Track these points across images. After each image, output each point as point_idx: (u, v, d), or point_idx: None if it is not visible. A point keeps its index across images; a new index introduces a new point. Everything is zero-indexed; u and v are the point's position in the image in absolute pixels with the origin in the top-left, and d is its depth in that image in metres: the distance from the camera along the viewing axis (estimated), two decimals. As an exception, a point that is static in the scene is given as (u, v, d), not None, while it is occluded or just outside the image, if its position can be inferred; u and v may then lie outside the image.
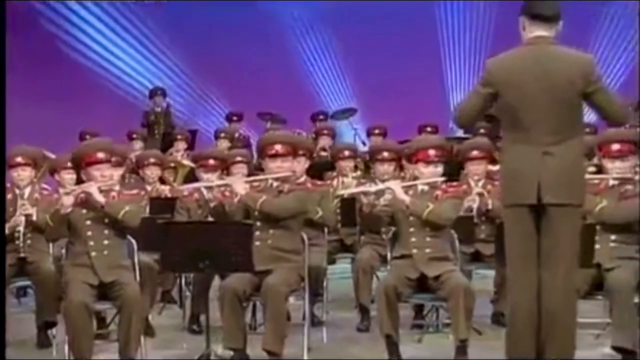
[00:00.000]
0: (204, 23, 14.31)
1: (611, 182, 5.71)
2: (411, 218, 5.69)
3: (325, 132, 10.06)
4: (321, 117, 11.41)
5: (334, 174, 8.00)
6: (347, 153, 7.85)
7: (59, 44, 14.55)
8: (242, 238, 5.09)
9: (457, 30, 14.97)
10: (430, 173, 5.76)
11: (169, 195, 7.46)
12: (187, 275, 6.89)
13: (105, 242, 5.53)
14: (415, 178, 5.98)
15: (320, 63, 14.85)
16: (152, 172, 7.89)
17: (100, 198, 5.49)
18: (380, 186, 5.92)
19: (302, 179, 7.12)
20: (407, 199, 5.67)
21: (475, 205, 6.62)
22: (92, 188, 5.50)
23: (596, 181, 5.82)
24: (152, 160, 7.97)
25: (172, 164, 9.48)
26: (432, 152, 5.78)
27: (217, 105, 14.72)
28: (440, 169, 5.78)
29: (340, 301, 7.40)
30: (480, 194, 6.66)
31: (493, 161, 7.47)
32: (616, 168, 5.65)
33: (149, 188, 7.52)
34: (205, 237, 5.07)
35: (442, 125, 11.49)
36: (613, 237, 5.56)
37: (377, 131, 10.45)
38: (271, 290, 5.34)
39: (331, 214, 6.82)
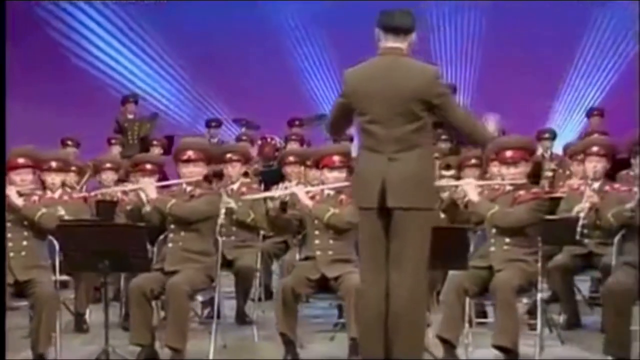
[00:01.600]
0: (202, 26, 14.59)
1: (507, 188, 5.91)
2: (315, 222, 5.95)
3: (294, 137, 10.33)
4: (296, 122, 11.67)
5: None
6: (291, 159, 8.10)
7: (60, 48, 14.95)
8: (137, 239, 5.38)
9: (449, 34, 15.12)
10: (335, 178, 6.02)
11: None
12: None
13: (24, 243, 5.88)
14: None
15: (316, 67, 15.08)
16: (108, 177, 8.26)
17: (17, 201, 5.84)
18: (285, 191, 6.19)
19: (237, 184, 7.45)
20: (310, 203, 5.94)
21: None
22: (11, 191, 5.85)
23: (496, 187, 6.05)
24: (108, 165, 8.33)
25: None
26: (336, 158, 6.03)
27: (215, 110, 14.99)
28: (344, 174, 6.02)
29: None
30: None
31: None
32: (510, 174, 5.86)
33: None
34: (104, 238, 5.37)
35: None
36: (507, 240, 5.76)
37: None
38: (173, 289, 5.63)
39: (263, 217, 7.07)
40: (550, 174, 9.79)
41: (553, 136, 10.76)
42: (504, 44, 14.38)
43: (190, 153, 6.07)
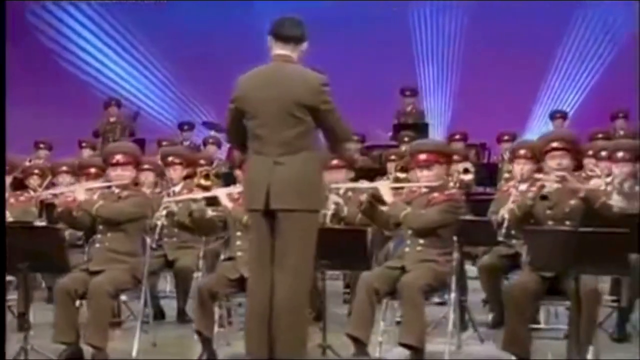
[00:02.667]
0: (188, 27, 14.81)
1: (423, 190, 6.07)
2: (237, 223, 6.14)
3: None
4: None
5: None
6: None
7: (46, 51, 15.20)
8: (54, 241, 5.58)
9: (431, 36, 15.25)
10: None
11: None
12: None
13: None
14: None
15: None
16: (65, 179, 8.47)
17: None
18: (207, 194, 6.38)
19: (180, 186, 7.64)
20: (229, 204, 6.12)
21: None
22: None
23: (414, 189, 6.20)
24: (64, 168, 8.54)
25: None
26: None
27: (201, 112, 15.19)
28: None
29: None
30: None
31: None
32: (424, 177, 6.02)
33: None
34: (23, 240, 5.57)
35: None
36: (421, 241, 5.92)
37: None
38: (95, 288, 5.82)
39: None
40: (507, 175, 9.92)
41: (513, 138, 10.85)
42: (485, 45, 14.50)
43: (118, 157, 6.27)
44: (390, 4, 14.71)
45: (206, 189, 6.67)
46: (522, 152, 6.91)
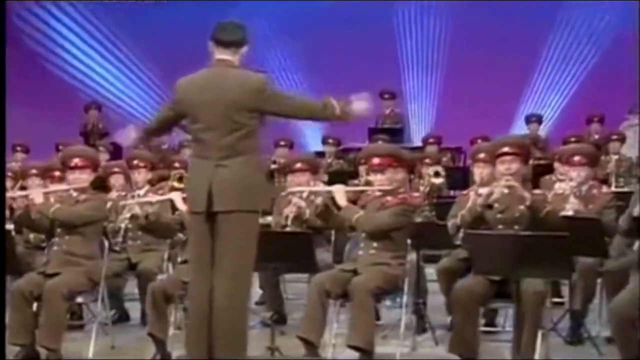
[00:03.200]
0: (171, 28, 14.86)
1: (377, 193, 6.12)
2: None
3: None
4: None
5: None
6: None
7: (37, 57, 15.26)
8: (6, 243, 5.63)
9: (415, 39, 15.30)
10: None
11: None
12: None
13: None
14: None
15: (283, 75, 15.30)
16: (34, 182, 8.51)
17: None
18: (162, 197, 6.43)
19: (144, 189, 7.70)
20: (184, 207, 6.17)
21: None
22: None
23: (369, 192, 6.25)
24: (33, 171, 8.57)
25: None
26: None
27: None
28: None
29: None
30: None
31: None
32: (377, 180, 6.08)
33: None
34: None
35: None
36: (375, 244, 5.99)
37: (282, 142, 10.93)
38: (50, 290, 5.87)
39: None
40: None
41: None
42: (470, 48, 14.54)
43: (76, 160, 6.33)
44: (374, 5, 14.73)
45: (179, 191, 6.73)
46: (481, 155, 6.95)
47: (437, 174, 8.81)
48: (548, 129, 13.46)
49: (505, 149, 5.82)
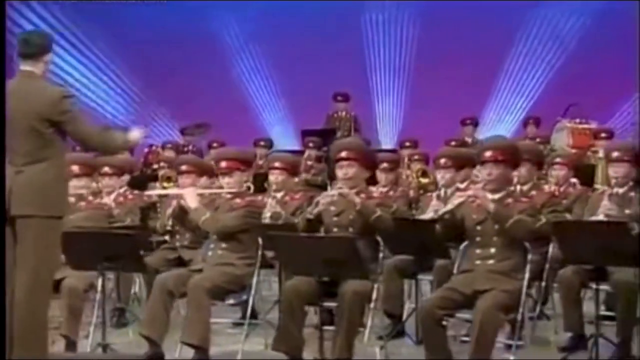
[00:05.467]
0: (144, 30, 15.10)
1: (228, 196, 6.34)
2: None
3: (169, 146, 10.84)
4: (184, 131, 12.25)
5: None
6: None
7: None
8: None
9: (382, 43, 15.41)
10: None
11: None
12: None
13: None
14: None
15: (254, 77, 15.51)
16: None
17: None
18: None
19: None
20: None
21: None
22: None
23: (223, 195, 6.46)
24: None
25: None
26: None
27: (157, 116, 15.43)
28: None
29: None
30: None
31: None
32: (225, 183, 6.34)
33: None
34: None
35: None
36: (223, 245, 6.19)
37: (214, 144, 11.18)
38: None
39: None
40: (414, 180, 10.10)
41: (414, 145, 11.05)
42: (438, 51, 14.62)
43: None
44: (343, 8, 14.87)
45: None
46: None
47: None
48: (476, 132, 13.29)
49: (342, 154, 6.02)
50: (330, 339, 5.58)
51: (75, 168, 6.82)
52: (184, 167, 7.40)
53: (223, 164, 6.28)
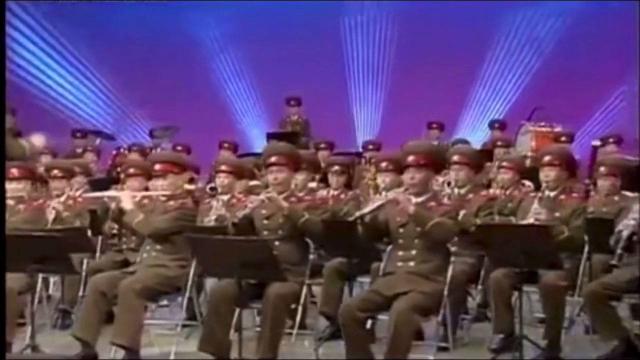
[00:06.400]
0: (126, 31, 15.16)
1: (162, 198, 6.42)
2: None
3: (135, 148, 10.90)
4: (152, 133, 12.31)
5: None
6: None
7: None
8: None
9: (361, 45, 15.45)
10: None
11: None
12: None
13: None
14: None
15: (232, 79, 15.56)
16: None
17: None
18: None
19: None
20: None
21: None
22: None
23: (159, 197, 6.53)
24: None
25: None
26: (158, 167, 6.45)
27: (136, 119, 15.50)
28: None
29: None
30: None
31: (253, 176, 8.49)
32: (158, 185, 6.42)
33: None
34: None
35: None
36: (158, 247, 6.28)
37: (179, 147, 11.24)
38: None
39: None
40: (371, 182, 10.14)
41: (378, 148, 11.10)
42: (416, 54, 14.65)
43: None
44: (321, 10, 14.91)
45: None
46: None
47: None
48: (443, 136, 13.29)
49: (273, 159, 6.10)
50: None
51: (14, 171, 6.87)
52: (131, 170, 7.43)
53: (157, 166, 6.35)
